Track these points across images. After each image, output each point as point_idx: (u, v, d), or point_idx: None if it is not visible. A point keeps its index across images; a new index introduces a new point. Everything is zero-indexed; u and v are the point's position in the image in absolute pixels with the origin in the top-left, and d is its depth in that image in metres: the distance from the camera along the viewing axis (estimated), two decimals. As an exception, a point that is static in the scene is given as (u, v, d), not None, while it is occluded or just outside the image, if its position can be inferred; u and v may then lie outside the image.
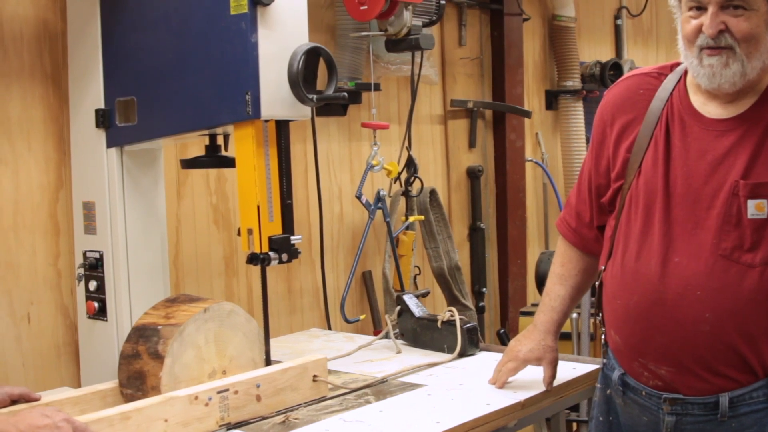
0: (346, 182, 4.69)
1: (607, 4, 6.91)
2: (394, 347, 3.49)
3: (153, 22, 2.98)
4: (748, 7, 2.34)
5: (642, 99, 2.61)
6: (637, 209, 2.53)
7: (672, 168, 2.48)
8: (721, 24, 2.36)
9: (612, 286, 2.59)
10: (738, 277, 2.36)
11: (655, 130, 2.54)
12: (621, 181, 2.60)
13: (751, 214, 2.36)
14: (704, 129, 2.47)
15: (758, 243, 2.36)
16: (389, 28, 4.16)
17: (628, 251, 2.53)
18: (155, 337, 2.70)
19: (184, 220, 3.89)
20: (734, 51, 2.36)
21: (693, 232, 2.42)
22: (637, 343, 2.52)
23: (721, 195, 2.39)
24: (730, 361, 2.39)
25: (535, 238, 6.19)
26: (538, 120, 6.21)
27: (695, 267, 2.40)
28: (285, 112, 2.85)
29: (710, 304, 2.38)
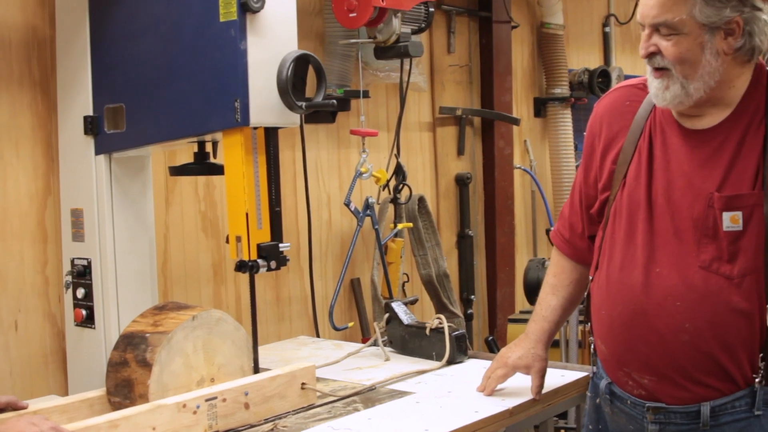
0: (335, 189, 4.68)
1: (596, 12, 6.93)
2: (383, 355, 3.49)
3: (142, 29, 2.98)
4: (677, 32, 2.36)
5: (628, 111, 2.63)
6: (621, 220, 2.56)
7: (654, 179, 2.51)
8: (652, 46, 2.40)
9: (598, 297, 2.61)
10: (717, 289, 2.38)
11: (639, 141, 2.57)
12: (607, 193, 2.63)
13: (727, 226, 2.38)
14: (683, 140, 2.49)
15: (735, 255, 2.37)
16: (378, 36, 4.16)
17: (612, 262, 2.56)
18: (143, 344, 2.70)
19: (172, 228, 3.88)
20: (671, 73, 2.40)
21: (674, 244, 2.44)
22: (620, 352, 2.55)
23: (697, 207, 2.41)
24: (710, 371, 2.41)
25: (524, 246, 6.19)
26: (526, 127, 6.22)
27: (676, 278, 2.42)
28: (274, 119, 2.85)
29: (690, 315, 2.40)
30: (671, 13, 2.35)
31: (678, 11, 2.34)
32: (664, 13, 2.36)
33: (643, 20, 2.42)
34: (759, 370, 2.38)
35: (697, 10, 2.34)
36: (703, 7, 2.33)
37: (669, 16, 2.35)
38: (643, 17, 2.41)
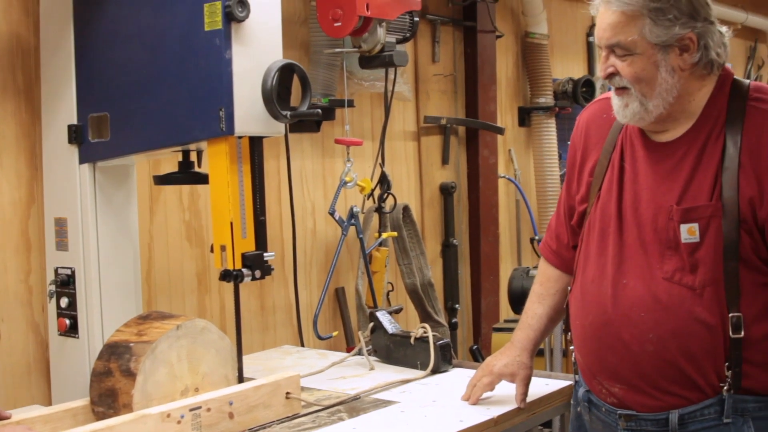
0: (320, 198, 4.68)
1: (580, 22, 6.95)
2: (367, 364, 3.49)
3: (127, 37, 2.97)
4: (630, 52, 2.41)
5: (605, 123, 2.67)
6: (594, 233, 2.60)
7: (624, 192, 2.55)
8: (610, 67, 2.46)
9: (574, 307, 2.66)
10: (680, 299, 2.40)
11: (612, 154, 2.61)
12: (585, 205, 2.68)
13: (685, 238, 2.40)
14: (649, 153, 2.53)
15: (696, 266, 2.39)
16: (363, 45, 4.16)
17: (586, 274, 2.60)
18: (127, 354, 2.69)
19: (156, 237, 3.87)
20: (630, 91, 2.45)
21: (640, 255, 2.48)
22: (592, 362, 2.59)
23: (660, 219, 2.45)
24: (676, 380, 2.43)
25: (508, 255, 6.20)
26: (510, 136, 6.23)
27: (641, 289, 2.45)
28: (259, 128, 2.85)
29: (654, 326, 2.43)
30: (623, 35, 2.40)
31: (629, 32, 2.39)
32: (617, 35, 2.41)
33: (599, 42, 2.47)
34: (726, 378, 2.39)
35: (647, 31, 2.38)
36: (653, 27, 2.37)
37: (621, 38, 2.41)
38: (599, 39, 2.47)
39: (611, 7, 2.41)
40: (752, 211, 2.36)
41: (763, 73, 9.81)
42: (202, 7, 2.77)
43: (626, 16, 2.39)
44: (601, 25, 2.44)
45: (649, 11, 2.37)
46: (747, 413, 2.41)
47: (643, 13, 2.38)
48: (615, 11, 2.40)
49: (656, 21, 2.37)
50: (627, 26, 2.39)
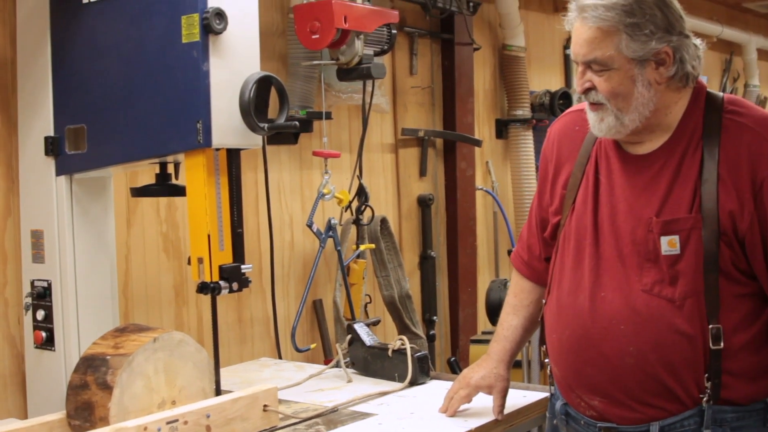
0: (297, 211, 4.68)
1: (557, 35, 6.98)
2: (345, 376, 3.49)
3: (104, 49, 2.97)
4: (607, 68, 2.42)
5: (577, 136, 2.68)
6: (570, 245, 2.60)
7: (600, 205, 2.55)
8: (587, 82, 2.47)
9: (549, 320, 2.66)
10: (659, 312, 2.41)
11: (586, 166, 2.62)
12: (559, 217, 2.68)
13: (665, 250, 2.41)
14: (625, 165, 2.54)
15: (676, 278, 2.40)
16: (341, 57, 4.17)
17: (561, 286, 2.60)
18: (104, 367, 2.68)
19: (133, 249, 3.86)
20: (606, 106, 2.46)
21: (618, 268, 2.48)
22: (570, 375, 2.58)
23: (639, 232, 2.45)
24: (656, 392, 2.44)
25: (486, 267, 6.21)
26: (488, 149, 6.24)
27: (620, 302, 2.45)
28: (236, 140, 2.85)
29: (634, 338, 2.43)
30: (600, 51, 2.41)
31: (606, 48, 2.40)
32: (593, 51, 2.42)
33: (575, 58, 2.48)
34: (705, 389, 2.40)
35: (624, 46, 2.39)
36: (629, 43, 2.38)
37: (598, 54, 2.41)
38: (575, 55, 2.47)
39: (587, 22, 2.42)
40: (732, 224, 2.37)
41: (739, 85, 9.89)
42: (180, 19, 2.77)
43: (603, 32, 2.40)
44: (578, 41, 2.45)
45: (626, 26, 2.38)
46: (726, 423, 2.42)
47: (619, 29, 2.39)
48: (591, 27, 2.41)
49: (632, 36, 2.38)
50: (603, 42, 2.40)
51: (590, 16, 2.40)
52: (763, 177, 2.36)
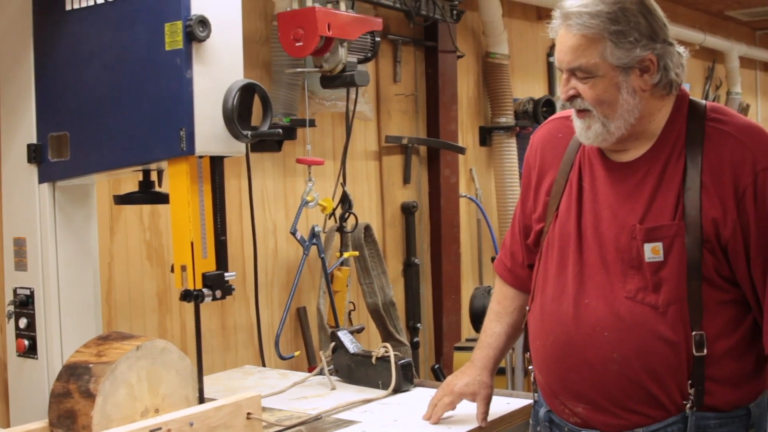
0: (281, 218, 4.68)
1: (540, 42, 6.99)
2: (329, 384, 3.48)
3: (87, 56, 2.96)
4: (592, 75, 2.43)
5: (560, 143, 2.69)
6: (553, 252, 2.61)
7: (583, 212, 2.56)
8: (571, 90, 2.48)
9: (533, 327, 2.66)
10: (643, 318, 2.42)
11: (570, 174, 2.62)
12: (542, 224, 2.68)
13: (648, 257, 2.42)
14: (609, 173, 2.54)
15: (659, 285, 2.41)
16: (324, 65, 4.18)
17: (545, 293, 2.60)
18: (86, 375, 2.67)
19: (117, 257, 3.85)
20: (592, 113, 2.47)
21: (601, 275, 2.48)
22: (554, 382, 2.59)
23: (622, 239, 2.46)
24: (640, 399, 2.44)
25: (470, 274, 6.21)
26: (472, 156, 6.25)
27: (603, 309, 2.46)
28: (219, 148, 2.85)
29: (618, 345, 2.44)
30: (584, 58, 2.41)
31: (590, 55, 2.41)
32: (578, 59, 2.42)
33: (560, 65, 2.48)
34: (689, 396, 2.41)
35: (609, 53, 2.40)
36: (614, 50, 2.39)
37: (583, 61, 2.42)
38: (559, 62, 2.48)
39: (572, 30, 2.42)
40: (715, 231, 2.38)
41: (721, 93, 9.93)
42: (163, 27, 2.76)
43: (587, 39, 2.41)
44: (562, 49, 2.45)
45: (610, 34, 2.39)
46: (709, 429, 2.43)
47: (604, 36, 2.39)
48: (576, 34, 2.42)
49: (617, 43, 2.39)
50: (588, 49, 2.41)
51: (575, 24, 2.41)
52: (746, 184, 2.37)
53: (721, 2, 9.08)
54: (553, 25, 2.49)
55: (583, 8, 2.41)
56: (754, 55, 10.70)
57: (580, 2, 2.43)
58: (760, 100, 11.45)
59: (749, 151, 2.40)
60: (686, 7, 8.93)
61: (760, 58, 11.06)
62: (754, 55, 10.70)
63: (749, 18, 10.08)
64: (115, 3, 2.88)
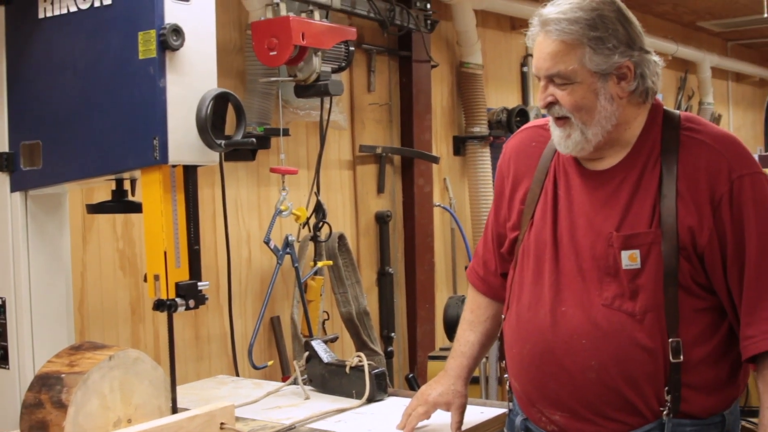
0: (255, 227, 4.67)
1: (514, 52, 7.03)
2: (303, 393, 3.47)
3: (60, 65, 2.95)
4: (570, 81, 2.43)
5: (534, 151, 2.69)
6: (529, 261, 2.60)
7: (559, 220, 2.56)
8: (549, 96, 2.47)
9: (509, 335, 2.65)
10: (620, 326, 2.42)
11: (544, 182, 2.62)
12: (516, 232, 2.68)
13: (626, 264, 2.42)
14: (584, 181, 2.55)
15: (636, 292, 2.42)
16: (298, 74, 4.18)
17: (521, 301, 2.60)
18: (58, 385, 2.65)
19: (89, 266, 3.84)
20: (571, 121, 2.47)
21: (578, 283, 2.49)
22: (531, 390, 2.59)
23: (599, 246, 2.46)
24: (618, 406, 2.45)
25: (444, 283, 6.23)
26: (446, 165, 6.27)
27: (580, 316, 2.46)
28: (193, 157, 2.84)
29: (595, 353, 2.44)
30: (563, 64, 2.42)
31: (569, 62, 2.42)
32: (557, 65, 2.43)
33: (538, 72, 2.48)
34: (666, 402, 2.42)
35: (587, 59, 2.41)
36: (593, 56, 2.40)
37: (561, 67, 2.42)
38: (537, 69, 2.48)
39: (551, 36, 2.43)
40: (692, 238, 2.39)
41: (693, 103, 10.00)
42: (137, 35, 2.75)
43: (566, 45, 2.41)
44: (541, 55, 2.46)
45: (589, 40, 2.40)
46: None
47: (583, 42, 2.40)
48: (555, 40, 2.42)
49: (596, 50, 2.40)
50: (567, 55, 2.42)
51: (554, 30, 2.42)
52: (722, 192, 2.39)
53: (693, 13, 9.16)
54: (531, 33, 2.50)
55: (562, 15, 2.42)
56: (726, 66, 10.80)
57: (559, 9, 2.44)
58: (731, 110, 11.55)
59: (725, 159, 2.42)
60: (659, 18, 9.00)
61: (731, 69, 11.16)
62: (726, 66, 10.80)
63: (721, 29, 10.16)
64: (89, 11, 2.87)
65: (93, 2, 2.85)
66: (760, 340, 2.39)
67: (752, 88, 12.20)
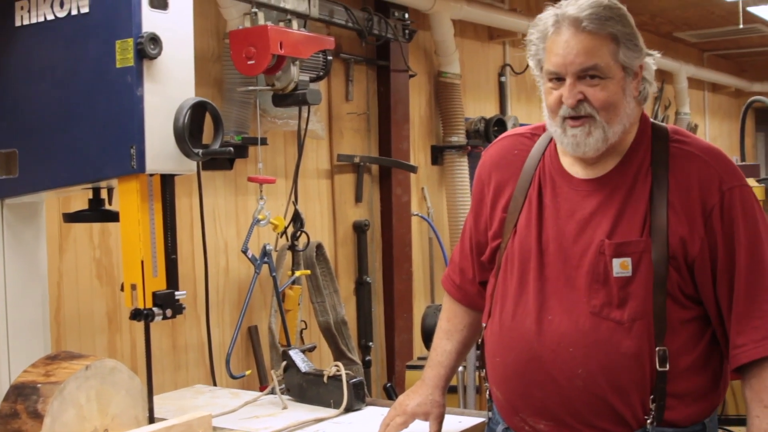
0: (232, 236, 4.66)
1: (492, 62, 7.05)
2: (280, 403, 3.47)
3: (37, 73, 2.94)
4: (603, 76, 2.41)
5: (516, 159, 2.67)
6: (513, 268, 2.59)
7: (544, 228, 2.55)
8: (579, 94, 2.43)
9: (491, 344, 2.64)
10: (608, 334, 2.42)
11: (528, 190, 2.61)
12: (498, 240, 2.66)
13: (617, 272, 2.42)
14: (572, 189, 2.54)
15: (626, 300, 2.42)
16: (276, 83, 4.18)
17: (505, 309, 2.59)
18: (34, 395, 2.64)
19: (66, 275, 3.82)
20: (595, 119, 2.44)
21: (565, 291, 2.48)
22: (515, 399, 2.57)
23: (588, 254, 2.46)
24: (604, 415, 2.45)
25: (421, 292, 6.23)
26: (423, 175, 6.28)
27: (567, 324, 2.46)
28: (170, 166, 2.83)
29: (583, 361, 2.44)
30: (599, 59, 2.39)
31: (605, 56, 2.40)
32: (593, 59, 2.39)
33: (564, 69, 2.43)
34: (650, 411, 2.42)
35: (621, 54, 2.40)
36: (626, 52, 2.41)
37: (598, 61, 2.39)
38: (564, 66, 2.42)
39: (587, 30, 2.39)
40: (682, 248, 2.40)
41: (670, 113, 10.06)
42: (114, 44, 2.75)
43: (603, 39, 2.39)
44: (571, 51, 2.41)
45: (622, 36, 2.41)
46: None
47: (617, 37, 2.40)
48: (590, 35, 2.38)
49: (628, 45, 2.41)
50: (602, 49, 2.40)
51: (589, 25, 2.39)
52: (713, 203, 2.41)
53: (670, 24, 9.21)
54: (548, 33, 2.47)
55: (594, 11, 2.41)
56: (702, 76, 10.87)
57: (590, 8, 2.42)
58: (708, 120, 11.62)
59: (715, 171, 2.44)
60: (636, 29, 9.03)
61: (707, 79, 11.23)
62: (702, 76, 10.87)
63: (697, 39, 10.23)
64: (66, 19, 2.86)
65: (70, 10, 2.84)
66: (750, 349, 2.40)
67: (728, 98, 12.28)
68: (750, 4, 7.84)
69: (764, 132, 13.36)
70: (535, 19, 2.54)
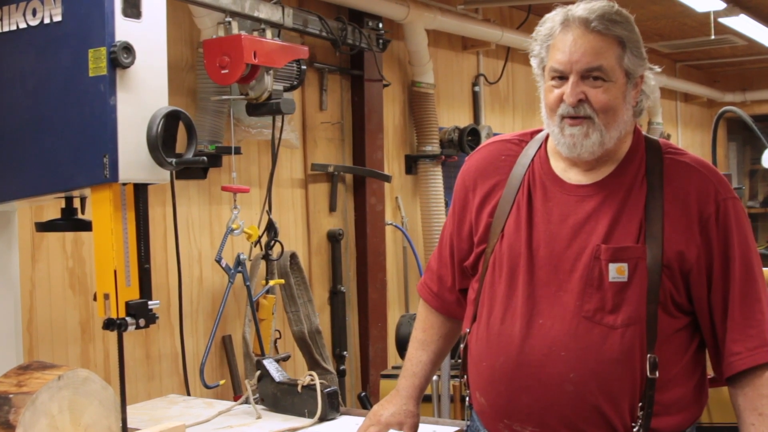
0: (206, 246, 4.65)
1: (466, 72, 7.06)
2: (254, 413, 3.46)
3: (9, 81, 2.93)
4: (607, 79, 2.43)
5: (504, 165, 2.66)
6: (501, 272, 2.57)
7: (535, 232, 2.54)
8: (581, 93, 2.43)
9: (477, 349, 2.61)
10: (600, 339, 2.42)
11: (517, 195, 2.60)
12: (484, 245, 2.64)
13: (612, 277, 2.42)
14: (565, 194, 2.54)
15: (619, 305, 2.42)
16: (250, 92, 4.18)
17: (493, 314, 2.57)
18: (6, 406, 2.63)
19: (38, 285, 3.80)
20: (593, 121, 2.44)
21: (556, 295, 2.47)
22: (503, 403, 2.55)
23: (583, 258, 2.45)
24: (593, 421, 2.44)
25: (396, 301, 6.23)
26: (398, 184, 6.28)
27: (559, 328, 2.45)
28: (143, 175, 2.82)
29: (574, 365, 2.43)
30: (605, 60, 2.41)
31: (611, 58, 2.41)
32: (599, 59, 2.41)
33: (569, 67, 2.44)
34: (638, 418, 2.43)
35: (626, 59, 2.42)
36: (631, 57, 2.43)
37: (604, 62, 2.41)
38: (570, 64, 2.43)
39: (596, 29, 2.40)
40: (678, 257, 2.41)
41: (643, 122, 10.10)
42: (87, 53, 2.74)
43: (610, 42, 2.41)
44: (578, 50, 2.42)
45: (629, 41, 2.43)
46: None
47: (624, 42, 2.42)
48: (599, 36, 2.40)
49: (633, 51, 2.43)
50: (609, 51, 2.41)
51: (599, 26, 2.40)
52: (710, 213, 2.43)
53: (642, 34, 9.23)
54: (555, 31, 2.47)
55: (604, 13, 2.43)
56: (675, 86, 10.93)
57: (600, 10, 2.44)
58: (680, 130, 11.68)
59: (711, 182, 2.46)
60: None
61: (680, 89, 11.30)
62: (675, 86, 10.93)
63: (670, 50, 10.28)
64: (38, 28, 2.85)
65: (43, 19, 2.83)
66: (745, 357, 2.42)
67: (700, 108, 12.36)
68: (722, 16, 7.90)
69: (736, 142, 13.44)
70: (542, 18, 2.55)
